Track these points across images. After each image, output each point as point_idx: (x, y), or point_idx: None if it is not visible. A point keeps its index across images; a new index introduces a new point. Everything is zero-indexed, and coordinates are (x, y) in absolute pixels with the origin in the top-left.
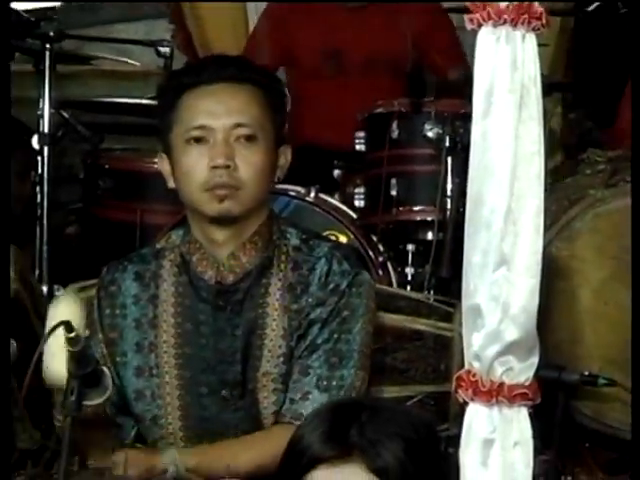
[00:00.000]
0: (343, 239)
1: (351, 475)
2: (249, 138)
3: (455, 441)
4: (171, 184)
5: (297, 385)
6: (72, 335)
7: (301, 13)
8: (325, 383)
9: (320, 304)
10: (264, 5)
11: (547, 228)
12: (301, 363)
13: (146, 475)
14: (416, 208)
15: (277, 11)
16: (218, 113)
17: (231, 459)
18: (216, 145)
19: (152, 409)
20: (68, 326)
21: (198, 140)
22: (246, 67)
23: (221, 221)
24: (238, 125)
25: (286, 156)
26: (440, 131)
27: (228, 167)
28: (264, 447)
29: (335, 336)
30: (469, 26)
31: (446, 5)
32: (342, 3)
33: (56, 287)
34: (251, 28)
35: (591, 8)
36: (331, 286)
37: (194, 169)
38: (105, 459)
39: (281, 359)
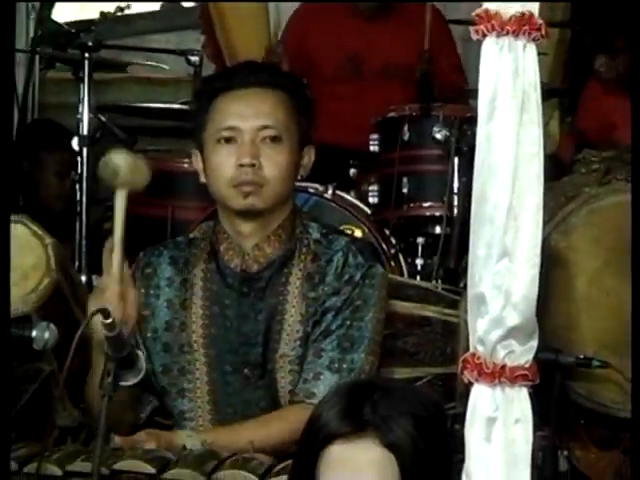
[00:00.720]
0: (358, 233)
1: (365, 449)
2: (274, 139)
3: (461, 419)
4: (202, 179)
5: (310, 366)
6: (108, 321)
7: (322, 23)
8: (337, 365)
9: (335, 293)
10: (285, 19)
11: (546, 223)
12: (315, 346)
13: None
14: (425, 204)
15: (300, 22)
16: (247, 115)
17: (247, 438)
18: (243, 145)
19: (179, 383)
20: (104, 312)
21: (228, 140)
22: (275, 73)
23: (246, 215)
24: (265, 127)
25: (310, 156)
26: (448, 133)
27: (253, 165)
28: (278, 425)
29: (348, 323)
30: (474, 37)
31: (454, 17)
32: (360, 13)
33: (94, 277)
34: (272, 41)
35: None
36: (346, 277)
37: (223, 166)
38: (124, 431)
39: (298, 342)
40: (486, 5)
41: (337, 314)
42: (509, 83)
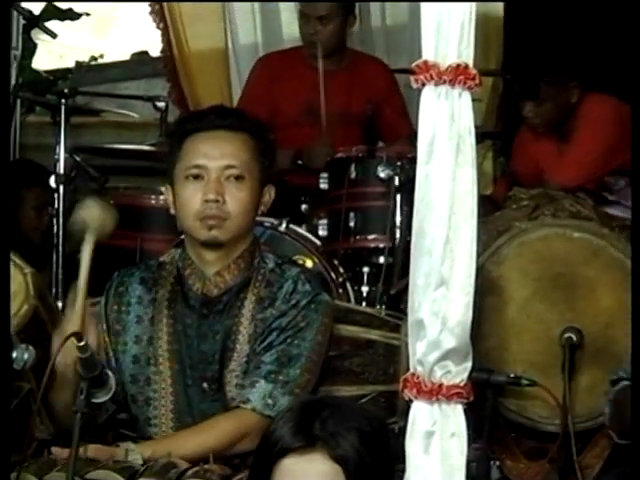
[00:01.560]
0: (309, 263)
1: (315, 462)
2: (237, 178)
3: (402, 432)
4: (172, 211)
5: (249, 375)
6: (82, 344)
7: (284, 74)
8: (273, 376)
9: (282, 316)
10: (243, 68)
11: (479, 254)
12: (256, 359)
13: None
14: (370, 237)
15: (263, 72)
16: (213, 155)
17: (182, 445)
18: (209, 182)
19: (145, 392)
20: (78, 336)
21: (195, 177)
22: (240, 117)
23: (210, 245)
24: (229, 166)
25: (270, 194)
26: (391, 173)
27: (218, 201)
28: (214, 431)
29: (289, 341)
30: (415, 85)
31: (398, 66)
32: (316, 68)
33: None
34: (233, 88)
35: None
36: (293, 302)
37: (191, 201)
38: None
39: (244, 359)
40: (425, 56)
41: (280, 333)
42: (446, 127)
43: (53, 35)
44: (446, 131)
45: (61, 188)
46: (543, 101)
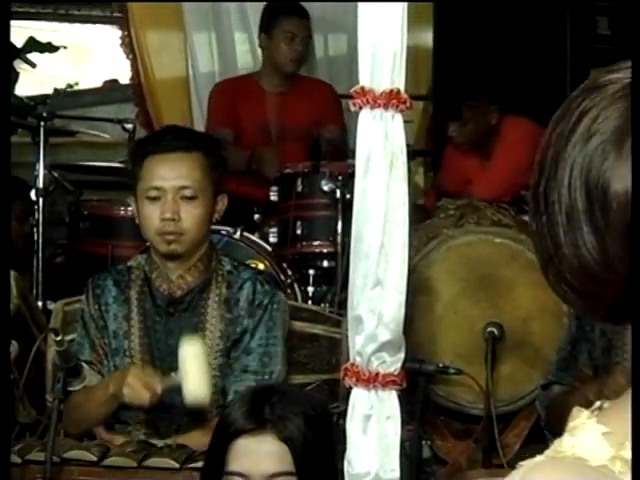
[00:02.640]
0: (261, 266)
1: (265, 443)
2: (191, 198)
3: (343, 415)
4: (137, 221)
5: (239, 379)
6: (58, 338)
7: (241, 97)
8: (260, 377)
9: (249, 316)
10: (203, 93)
11: (411, 258)
12: (240, 362)
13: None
14: (315, 243)
15: (223, 97)
16: (169, 177)
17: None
18: (166, 202)
19: None
20: (55, 332)
21: (154, 198)
22: (192, 137)
23: (169, 257)
24: (183, 187)
25: (223, 202)
26: (333, 186)
27: (174, 219)
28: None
29: (264, 342)
30: (353, 108)
31: (339, 92)
32: (267, 91)
33: (49, 302)
34: (194, 111)
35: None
36: (257, 302)
37: (150, 218)
38: None
39: (219, 354)
40: (362, 83)
41: (253, 334)
42: (380, 146)
43: (33, 65)
44: (381, 149)
45: (41, 201)
46: (466, 122)
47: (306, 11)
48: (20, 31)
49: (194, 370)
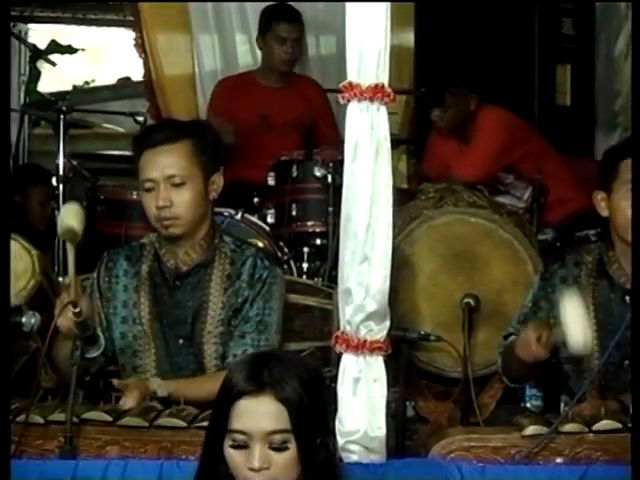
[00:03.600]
0: (260, 244)
1: (264, 403)
2: (180, 184)
3: (334, 379)
4: None
5: (237, 345)
6: (77, 310)
7: (241, 92)
8: (257, 343)
9: (250, 288)
10: (207, 89)
11: (395, 236)
12: (239, 329)
13: (141, 396)
14: (309, 223)
15: (225, 91)
16: (158, 169)
17: (196, 389)
18: (159, 191)
19: (133, 346)
20: (74, 304)
21: (148, 189)
22: (178, 127)
23: (170, 238)
24: (172, 176)
25: (218, 181)
26: (324, 172)
27: (167, 206)
28: (216, 383)
29: (261, 311)
30: (342, 101)
31: (330, 87)
32: (265, 86)
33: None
34: (199, 105)
35: (425, 89)
36: (257, 276)
37: (149, 207)
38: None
39: (220, 322)
40: (350, 78)
41: (252, 304)
42: (367, 135)
43: (54, 64)
44: (367, 138)
45: (61, 186)
46: (447, 108)
47: (297, 15)
48: (42, 34)
49: (575, 321)
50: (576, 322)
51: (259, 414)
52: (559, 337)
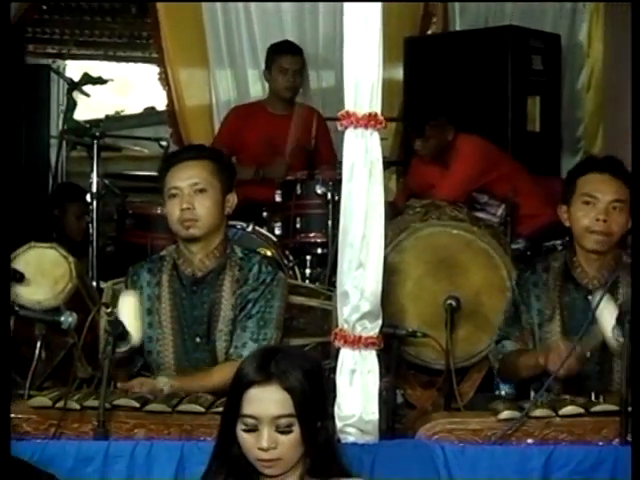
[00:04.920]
0: (268, 253)
1: (271, 392)
2: (201, 190)
3: (333, 370)
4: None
5: (239, 338)
6: (108, 311)
7: (250, 119)
8: (256, 337)
9: (254, 290)
10: (222, 115)
11: (386, 246)
12: (241, 325)
13: (150, 392)
14: (311, 234)
15: (236, 119)
16: (183, 178)
17: (202, 382)
18: (183, 196)
19: (156, 347)
20: (106, 305)
21: (174, 195)
22: (201, 149)
23: (190, 240)
24: (195, 183)
25: (232, 201)
26: (325, 190)
27: (189, 209)
28: (220, 374)
29: (262, 309)
30: (340, 128)
31: (329, 115)
32: (272, 114)
33: (101, 282)
34: (215, 131)
35: (413, 117)
36: (261, 279)
37: (173, 211)
38: (124, 379)
39: (229, 322)
40: (347, 108)
41: (255, 304)
42: (362, 157)
43: (88, 95)
44: (362, 160)
45: (94, 202)
46: (428, 138)
47: (298, 49)
48: (77, 69)
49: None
50: (611, 322)
51: (267, 401)
52: (593, 341)
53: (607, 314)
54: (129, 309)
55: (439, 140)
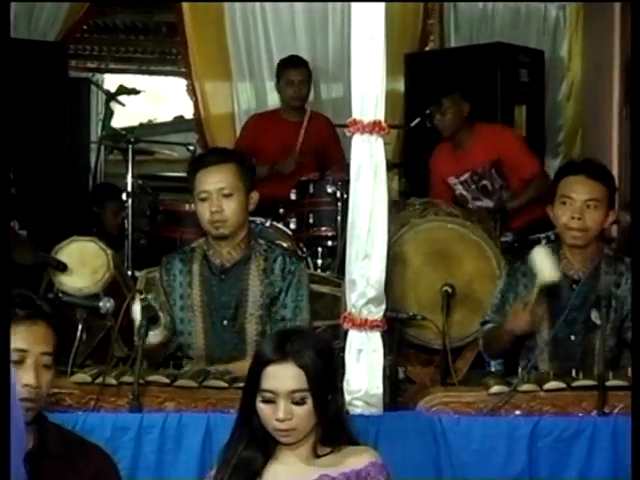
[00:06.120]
0: (285, 245)
1: (287, 369)
2: (228, 195)
3: (342, 349)
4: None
5: (277, 325)
6: (142, 297)
7: (267, 125)
8: (292, 324)
9: (283, 280)
10: (243, 123)
11: (390, 238)
12: (279, 314)
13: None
14: (322, 229)
15: (254, 125)
16: (212, 183)
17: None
18: (212, 200)
19: (187, 329)
20: (140, 292)
21: (204, 199)
22: (226, 153)
23: (219, 238)
24: (222, 188)
25: (254, 198)
26: (335, 189)
27: (218, 211)
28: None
29: (295, 298)
30: (348, 134)
31: (339, 122)
32: (287, 121)
33: (136, 271)
34: (238, 135)
35: (413, 124)
36: (287, 270)
37: (203, 213)
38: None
39: (260, 307)
40: (354, 116)
41: (287, 293)
42: (367, 160)
43: (123, 105)
44: (367, 162)
45: (129, 200)
46: (445, 111)
47: (302, 62)
48: (114, 82)
49: (543, 262)
50: (544, 262)
51: (283, 377)
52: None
53: (541, 259)
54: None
55: (456, 114)
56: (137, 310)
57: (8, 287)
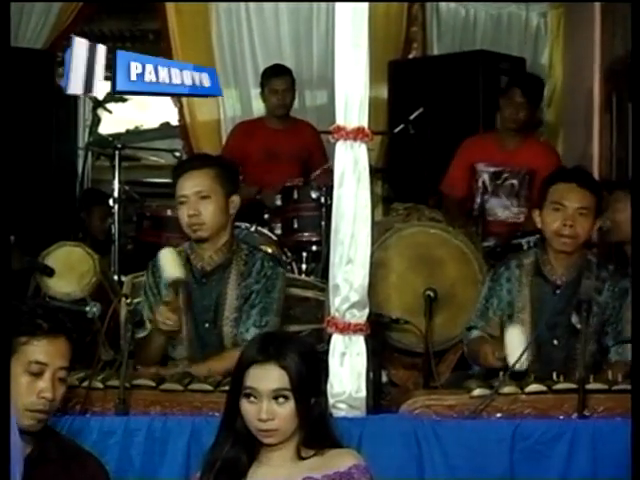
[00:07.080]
0: (269, 250)
1: (270, 370)
2: (205, 197)
3: (326, 353)
4: None
5: (243, 324)
6: (128, 301)
7: (252, 132)
8: (258, 323)
9: (257, 282)
10: (229, 129)
11: (373, 243)
12: (246, 312)
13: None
14: (307, 234)
15: (240, 132)
16: (189, 187)
17: (216, 365)
18: (190, 204)
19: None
20: (126, 296)
21: (182, 202)
22: (205, 159)
23: (198, 241)
24: (199, 191)
25: (236, 202)
26: (319, 194)
27: (196, 215)
28: (228, 358)
29: (264, 299)
30: (332, 140)
31: (323, 129)
32: (271, 128)
33: (122, 276)
34: (223, 142)
35: (397, 130)
36: (262, 273)
37: (182, 216)
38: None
39: (235, 309)
40: (338, 122)
41: (257, 294)
42: (351, 166)
43: (110, 112)
44: (351, 168)
45: (116, 206)
46: (519, 107)
47: (285, 70)
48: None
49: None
50: (167, 262)
51: (266, 376)
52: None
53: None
54: (168, 258)
55: (527, 116)
56: (123, 314)
57: (8, 297)
